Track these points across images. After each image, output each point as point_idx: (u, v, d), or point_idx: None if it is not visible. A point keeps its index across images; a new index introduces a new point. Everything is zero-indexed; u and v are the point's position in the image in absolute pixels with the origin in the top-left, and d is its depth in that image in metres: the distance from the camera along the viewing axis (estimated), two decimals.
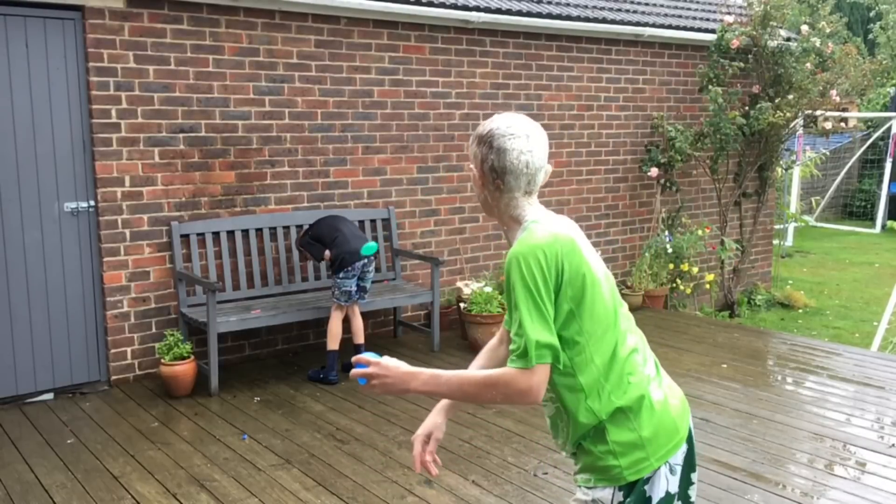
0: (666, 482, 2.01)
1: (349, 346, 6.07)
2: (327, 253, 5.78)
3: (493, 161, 2.02)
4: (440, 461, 2.29)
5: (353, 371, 2.02)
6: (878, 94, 18.52)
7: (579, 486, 2.09)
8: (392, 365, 1.99)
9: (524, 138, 2.01)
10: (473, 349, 6.58)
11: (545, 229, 1.98)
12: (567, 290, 1.93)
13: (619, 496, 2.00)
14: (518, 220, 2.08)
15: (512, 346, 1.90)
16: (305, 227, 6.15)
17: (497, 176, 2.03)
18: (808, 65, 8.47)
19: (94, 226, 5.65)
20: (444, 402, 2.30)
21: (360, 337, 5.95)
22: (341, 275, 5.72)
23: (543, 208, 2.11)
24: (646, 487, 1.99)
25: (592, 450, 2.01)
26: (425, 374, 1.99)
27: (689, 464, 2.12)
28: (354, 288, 5.80)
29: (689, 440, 2.11)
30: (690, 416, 2.14)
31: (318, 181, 6.54)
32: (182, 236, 5.92)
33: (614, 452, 1.98)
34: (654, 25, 8.26)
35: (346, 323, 5.97)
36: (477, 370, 1.95)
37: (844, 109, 13.87)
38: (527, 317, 1.88)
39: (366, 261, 5.79)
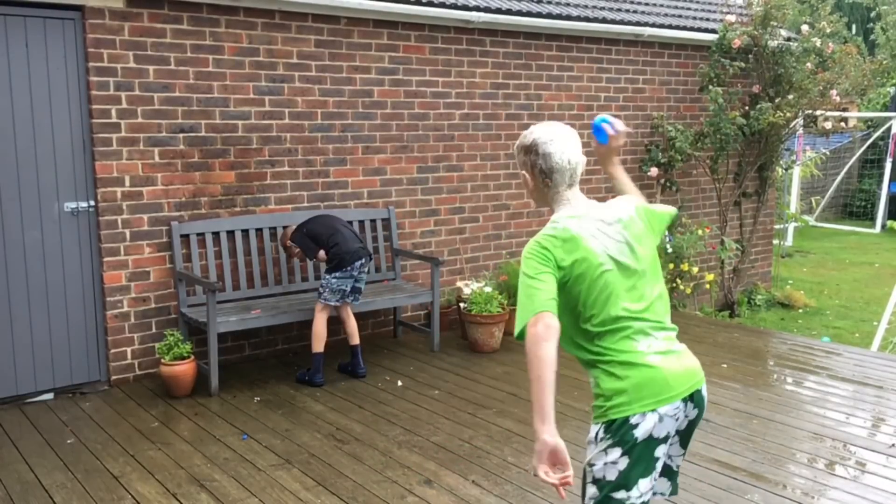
0: (652, 426, 2.32)
1: (344, 347, 6.07)
2: (321, 253, 5.75)
3: (541, 165, 2.46)
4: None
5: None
6: (878, 94, 18.52)
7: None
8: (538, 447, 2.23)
9: (562, 140, 2.45)
10: (473, 349, 6.59)
11: (553, 227, 2.41)
12: (565, 269, 2.33)
13: (603, 432, 2.35)
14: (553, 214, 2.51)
15: (517, 316, 2.29)
16: (294, 225, 6.05)
17: (546, 176, 2.47)
18: (809, 65, 8.47)
19: (94, 226, 5.65)
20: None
21: (355, 338, 5.92)
22: (337, 274, 5.70)
23: (579, 200, 2.47)
24: (634, 430, 2.31)
25: (594, 392, 2.43)
26: (533, 410, 2.22)
27: (685, 437, 2.51)
28: (349, 288, 5.79)
29: (698, 404, 2.43)
30: (704, 386, 2.45)
31: (318, 181, 6.54)
32: (182, 236, 5.92)
33: (604, 395, 2.37)
34: (654, 25, 8.26)
35: (337, 324, 5.94)
36: None
37: (844, 109, 13.87)
38: (522, 293, 2.29)
39: (363, 261, 5.78)
